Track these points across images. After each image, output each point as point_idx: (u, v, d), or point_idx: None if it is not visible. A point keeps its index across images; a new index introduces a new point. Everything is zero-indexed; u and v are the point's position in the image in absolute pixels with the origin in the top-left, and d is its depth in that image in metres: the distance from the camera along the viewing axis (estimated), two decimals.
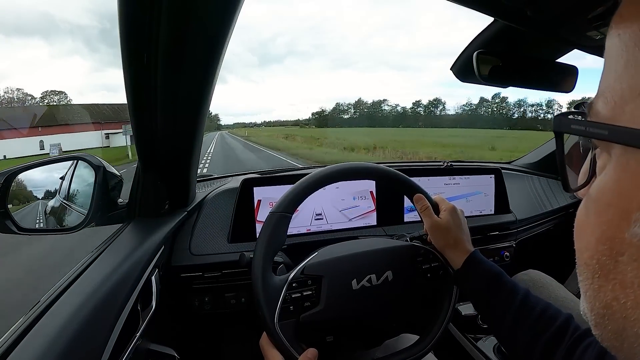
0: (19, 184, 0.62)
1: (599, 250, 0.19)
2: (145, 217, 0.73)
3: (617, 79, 0.19)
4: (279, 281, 0.53)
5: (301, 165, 1.58)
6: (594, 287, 0.20)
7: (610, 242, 0.19)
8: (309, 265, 0.56)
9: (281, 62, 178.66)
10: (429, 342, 0.59)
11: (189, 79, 0.53)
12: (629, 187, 0.18)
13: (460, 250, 0.58)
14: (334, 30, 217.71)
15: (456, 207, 0.62)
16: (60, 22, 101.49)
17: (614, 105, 0.19)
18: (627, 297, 0.18)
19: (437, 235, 0.60)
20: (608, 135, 0.19)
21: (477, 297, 0.56)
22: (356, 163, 0.62)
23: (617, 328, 0.19)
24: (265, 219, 0.55)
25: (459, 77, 0.75)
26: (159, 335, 0.64)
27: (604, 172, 0.20)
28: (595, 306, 0.20)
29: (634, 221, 0.17)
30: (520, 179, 1.32)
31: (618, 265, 0.18)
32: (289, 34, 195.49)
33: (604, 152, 0.20)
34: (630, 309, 0.18)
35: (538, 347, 0.46)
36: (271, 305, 0.51)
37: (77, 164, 0.70)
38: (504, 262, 1.07)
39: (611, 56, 0.19)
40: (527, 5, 0.50)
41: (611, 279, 0.19)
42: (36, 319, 0.40)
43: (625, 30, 0.18)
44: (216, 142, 30.17)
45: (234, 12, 0.44)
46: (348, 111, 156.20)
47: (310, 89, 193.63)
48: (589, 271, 0.20)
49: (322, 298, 0.55)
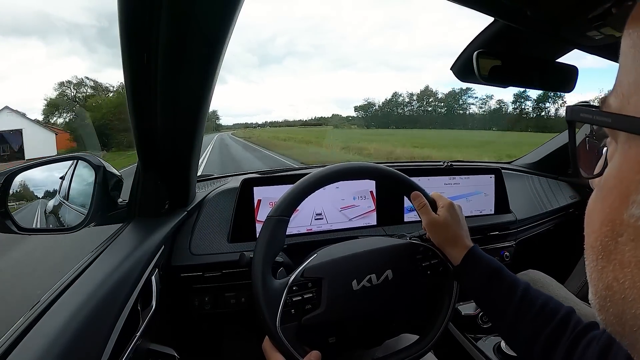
0: (19, 183, 0.62)
1: (602, 232, 0.20)
2: (145, 216, 0.73)
3: (626, 74, 0.20)
4: (279, 285, 0.53)
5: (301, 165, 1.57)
6: (597, 268, 0.21)
7: (611, 223, 0.20)
8: (308, 267, 0.56)
9: (280, 62, 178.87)
10: (428, 341, 0.59)
11: (189, 79, 0.53)
12: (628, 172, 0.19)
13: (459, 246, 0.58)
14: (334, 30, 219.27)
15: (454, 203, 0.62)
16: (56, 21, 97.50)
17: (622, 97, 0.20)
18: (625, 276, 0.19)
19: (435, 231, 0.60)
20: (611, 123, 0.20)
21: (477, 292, 0.56)
22: (353, 163, 0.62)
23: (618, 311, 0.19)
24: (263, 223, 0.55)
25: (459, 77, 0.75)
26: (159, 335, 0.64)
27: (611, 161, 0.21)
28: (598, 288, 0.21)
29: (631, 203, 0.19)
30: (520, 179, 1.32)
31: (618, 246, 0.19)
32: (289, 34, 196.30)
33: (613, 140, 0.22)
34: (628, 289, 0.18)
35: (540, 340, 0.46)
36: (272, 310, 0.51)
37: (77, 163, 0.70)
38: (504, 262, 1.07)
39: (623, 53, 0.21)
40: (527, 5, 0.50)
41: (612, 259, 0.20)
42: (36, 318, 0.40)
43: (635, 29, 0.20)
44: (214, 148, 20.56)
45: (234, 12, 0.44)
46: (411, 103, 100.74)
47: (310, 89, 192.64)
48: (594, 253, 0.21)
49: (323, 300, 0.54)
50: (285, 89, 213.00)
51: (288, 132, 60.63)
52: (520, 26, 0.57)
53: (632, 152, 0.19)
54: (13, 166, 0.61)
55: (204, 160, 12.98)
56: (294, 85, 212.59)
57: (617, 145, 0.21)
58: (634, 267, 0.18)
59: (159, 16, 0.42)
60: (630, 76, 0.19)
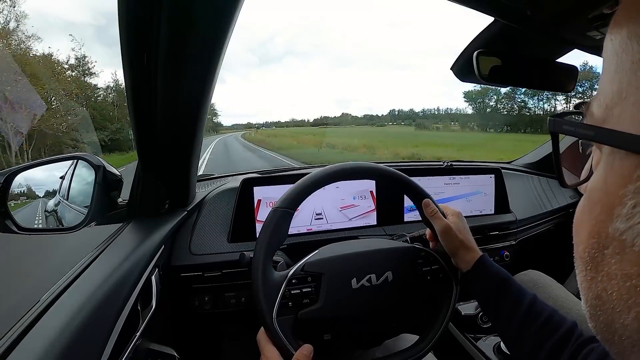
0: (19, 183, 0.62)
1: (590, 244, 0.20)
2: (145, 216, 0.73)
3: (609, 82, 0.19)
4: (279, 277, 0.54)
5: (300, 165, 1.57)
6: (587, 278, 0.21)
7: (597, 236, 0.20)
8: (309, 262, 0.56)
9: (280, 61, 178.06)
10: (425, 345, 0.59)
11: (189, 79, 0.53)
12: (612, 185, 0.19)
13: (471, 251, 0.59)
14: (335, 29, 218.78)
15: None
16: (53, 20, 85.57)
17: (605, 107, 0.19)
18: (613, 288, 0.19)
19: (448, 237, 0.60)
20: (595, 137, 0.20)
21: (485, 299, 0.57)
22: (362, 163, 0.62)
23: (607, 320, 0.20)
24: (268, 215, 0.55)
25: (459, 77, 0.75)
26: (159, 335, 0.64)
27: (597, 170, 0.21)
28: (588, 297, 0.21)
29: (616, 216, 0.18)
30: (520, 179, 1.32)
31: (605, 258, 0.19)
32: (288, 33, 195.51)
33: (597, 150, 0.22)
34: (616, 300, 0.19)
35: (543, 351, 0.47)
36: (270, 301, 0.51)
37: (77, 163, 0.70)
38: (504, 261, 1.07)
39: (606, 59, 0.20)
40: (527, 5, 0.50)
41: (600, 270, 0.20)
42: (36, 318, 0.40)
43: (616, 36, 0.19)
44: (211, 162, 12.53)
45: (234, 12, 0.44)
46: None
47: (310, 89, 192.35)
48: (583, 264, 0.21)
49: (321, 295, 0.55)
50: (286, 89, 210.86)
51: (314, 132, 47.96)
52: (520, 26, 0.57)
53: (616, 165, 0.19)
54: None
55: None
56: (294, 84, 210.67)
57: (601, 155, 0.20)
58: (620, 280, 0.18)
59: (159, 16, 0.42)
60: (613, 85, 0.19)
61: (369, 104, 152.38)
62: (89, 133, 20.35)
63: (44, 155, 15.88)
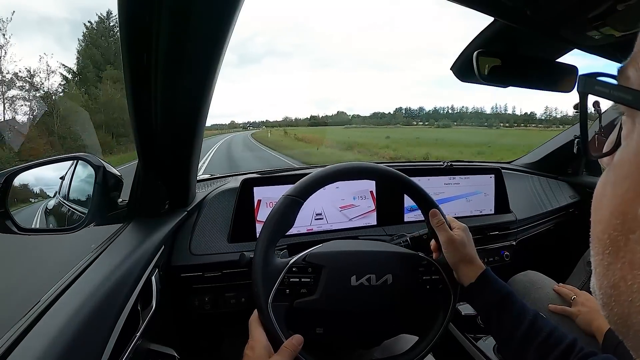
0: (19, 183, 0.62)
1: (612, 224, 0.18)
2: (145, 217, 0.73)
3: None
4: (280, 263, 0.54)
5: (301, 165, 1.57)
6: (603, 263, 0.19)
7: (622, 216, 0.17)
8: (312, 253, 0.56)
9: (260, 61, 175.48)
10: (418, 352, 0.59)
11: (189, 79, 0.53)
12: None
13: (475, 265, 0.59)
14: (315, 29, 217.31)
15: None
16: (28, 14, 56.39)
17: None
18: (635, 278, 0.17)
19: (452, 249, 0.60)
20: (632, 101, 0.17)
21: (488, 313, 0.57)
22: (375, 165, 0.62)
23: (623, 312, 0.18)
24: (278, 201, 0.55)
25: (458, 77, 0.75)
26: (159, 335, 0.64)
27: (626, 142, 0.19)
28: (603, 284, 0.19)
29: None
30: (520, 179, 1.32)
31: (629, 243, 0.17)
32: (269, 33, 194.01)
33: (629, 119, 0.19)
34: (637, 292, 0.17)
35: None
36: (268, 285, 0.52)
37: (77, 163, 0.70)
38: (504, 261, 1.07)
39: None
40: (527, 5, 0.50)
41: (621, 257, 0.18)
42: (36, 318, 0.40)
43: None
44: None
45: (234, 12, 0.44)
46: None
47: (291, 89, 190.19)
48: (600, 246, 0.19)
49: (319, 288, 0.55)
50: (266, 88, 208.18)
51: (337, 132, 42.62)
52: (520, 26, 0.57)
53: None
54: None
55: None
56: (274, 84, 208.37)
57: (634, 126, 0.18)
58: None
59: (159, 16, 0.42)
60: None
61: (374, 104, 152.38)
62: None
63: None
